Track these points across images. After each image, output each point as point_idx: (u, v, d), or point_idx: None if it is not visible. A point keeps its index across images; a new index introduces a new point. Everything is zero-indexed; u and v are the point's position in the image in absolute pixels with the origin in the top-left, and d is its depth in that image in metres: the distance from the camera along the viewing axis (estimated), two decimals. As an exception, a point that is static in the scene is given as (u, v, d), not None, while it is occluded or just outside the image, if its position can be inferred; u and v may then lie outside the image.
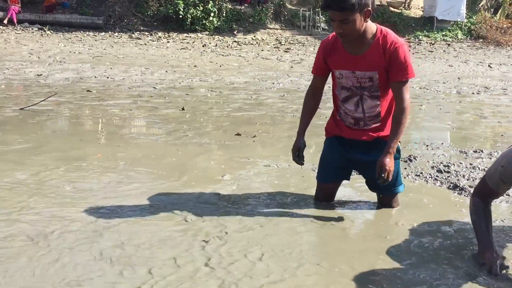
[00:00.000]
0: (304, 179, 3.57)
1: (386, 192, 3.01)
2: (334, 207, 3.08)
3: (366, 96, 2.81)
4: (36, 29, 16.38)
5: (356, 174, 3.29)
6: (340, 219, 2.91)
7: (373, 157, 2.78)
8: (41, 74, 8.90)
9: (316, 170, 3.16)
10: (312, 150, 4.23)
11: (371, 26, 2.71)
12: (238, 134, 5.00)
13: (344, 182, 3.17)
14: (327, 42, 2.86)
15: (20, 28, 16.25)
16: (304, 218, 2.87)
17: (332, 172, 3.03)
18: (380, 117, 2.86)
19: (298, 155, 2.93)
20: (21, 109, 5.86)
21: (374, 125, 2.88)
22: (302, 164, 2.98)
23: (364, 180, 3.10)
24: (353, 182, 3.36)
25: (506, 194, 3.40)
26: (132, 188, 3.27)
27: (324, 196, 3.11)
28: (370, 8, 2.60)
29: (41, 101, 6.24)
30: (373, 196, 3.14)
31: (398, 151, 2.89)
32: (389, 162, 2.68)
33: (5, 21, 16.50)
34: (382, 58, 2.68)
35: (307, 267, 2.30)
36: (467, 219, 2.95)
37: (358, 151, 2.93)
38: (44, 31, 16.13)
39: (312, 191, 3.21)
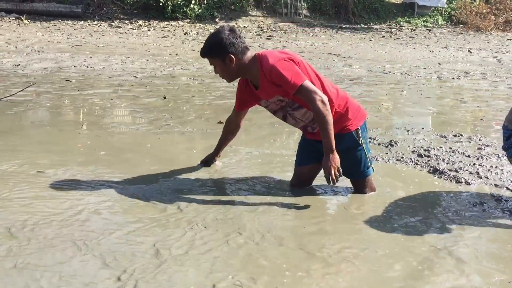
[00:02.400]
0: (286, 165, 3.58)
1: (354, 177, 3.08)
2: (311, 192, 3.12)
3: (292, 110, 2.94)
4: (13, 18, 16.03)
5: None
6: (315, 203, 2.94)
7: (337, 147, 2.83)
8: (18, 64, 8.73)
9: None
10: (296, 137, 4.24)
11: (252, 61, 2.84)
12: (221, 122, 4.96)
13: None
14: (241, 81, 3.10)
15: (-4, 18, 15.88)
16: (283, 204, 2.88)
17: (306, 156, 3.12)
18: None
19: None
20: (-2, 100, 5.75)
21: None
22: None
23: None
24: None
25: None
26: (113, 177, 3.24)
27: (298, 181, 3.16)
28: (232, 56, 2.80)
29: (19, 91, 6.13)
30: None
31: (363, 136, 2.96)
32: (328, 162, 2.73)
33: (-19, 11, 16.11)
34: (270, 84, 2.79)
35: (282, 251, 2.31)
36: (444, 202, 3.01)
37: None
38: (21, 20, 15.79)
39: (294, 177, 3.22)
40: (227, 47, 2.79)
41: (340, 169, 2.76)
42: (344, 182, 3.16)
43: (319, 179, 3.11)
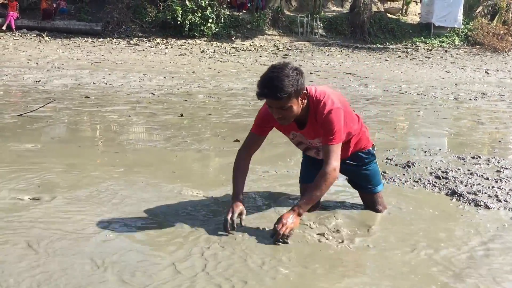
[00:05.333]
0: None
1: (364, 190, 3.13)
2: (326, 209, 3.11)
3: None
4: (35, 35, 16.40)
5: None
6: (330, 223, 2.92)
7: (351, 161, 2.97)
8: (39, 81, 8.91)
9: None
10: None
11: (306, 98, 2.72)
12: (237, 140, 5.01)
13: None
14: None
15: (18, 34, 16.27)
16: (301, 222, 2.87)
17: (313, 174, 3.06)
18: (346, 140, 2.90)
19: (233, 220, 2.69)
20: (19, 115, 5.86)
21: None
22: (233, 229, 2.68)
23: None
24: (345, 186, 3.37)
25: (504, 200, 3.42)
26: (131, 194, 3.27)
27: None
28: (305, 91, 2.63)
29: (40, 107, 6.24)
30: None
31: (372, 154, 3.06)
32: (288, 218, 2.58)
33: (4, 27, 16.52)
34: (318, 127, 2.72)
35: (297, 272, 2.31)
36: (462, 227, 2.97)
37: None
38: (43, 37, 16.15)
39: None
40: (303, 84, 2.61)
41: (292, 232, 2.60)
42: (355, 199, 3.14)
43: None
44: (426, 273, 2.37)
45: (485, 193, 3.57)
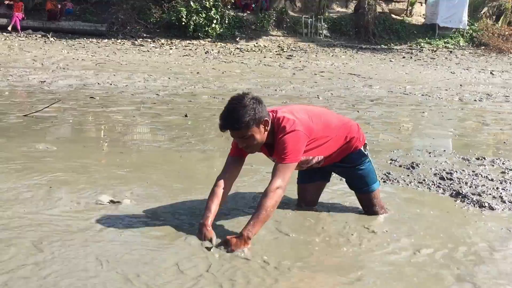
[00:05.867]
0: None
1: (359, 191, 3.12)
2: (328, 211, 3.13)
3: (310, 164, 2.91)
4: (40, 36, 16.47)
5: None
6: (332, 225, 2.92)
7: (344, 164, 2.99)
8: (44, 81, 8.94)
9: None
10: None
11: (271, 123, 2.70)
12: (241, 141, 5.01)
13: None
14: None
15: (23, 35, 16.34)
16: (302, 224, 2.88)
17: (308, 175, 3.14)
18: (329, 155, 2.92)
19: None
20: (25, 115, 5.89)
21: (328, 160, 2.97)
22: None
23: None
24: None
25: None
26: (135, 194, 3.28)
27: (304, 201, 3.19)
28: (266, 118, 2.63)
29: (45, 107, 6.27)
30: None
31: (363, 154, 3.01)
32: (235, 244, 2.47)
33: (9, 28, 16.60)
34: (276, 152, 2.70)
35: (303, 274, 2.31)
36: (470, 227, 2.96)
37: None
38: (48, 38, 16.21)
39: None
40: (264, 113, 2.63)
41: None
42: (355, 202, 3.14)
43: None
44: (431, 274, 2.37)
45: (490, 194, 3.56)
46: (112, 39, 16.95)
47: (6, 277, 2.14)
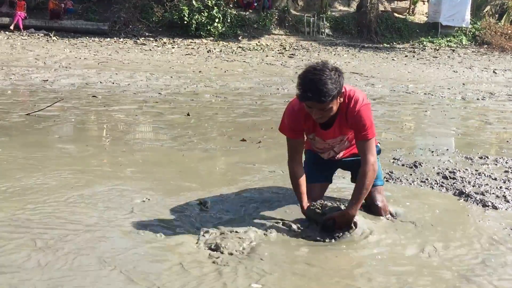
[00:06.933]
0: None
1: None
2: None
3: (337, 146, 2.99)
4: (42, 35, 16.49)
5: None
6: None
7: (353, 157, 3.03)
8: (47, 80, 8.95)
9: None
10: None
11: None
12: (243, 140, 5.01)
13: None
14: (298, 110, 2.77)
15: (26, 34, 16.36)
16: (304, 223, 2.87)
17: (318, 174, 3.16)
18: (351, 143, 3.00)
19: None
20: (27, 114, 5.89)
21: (348, 149, 3.07)
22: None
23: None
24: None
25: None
26: (137, 193, 3.28)
27: (311, 199, 3.14)
28: (343, 90, 2.64)
29: (47, 106, 6.27)
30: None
31: (378, 151, 3.09)
32: (350, 214, 2.68)
33: (12, 27, 16.62)
34: (347, 124, 2.76)
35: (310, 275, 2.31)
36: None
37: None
38: (50, 37, 16.23)
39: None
40: (343, 84, 2.62)
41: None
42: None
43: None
44: (434, 273, 2.36)
45: (493, 193, 3.54)
46: (114, 38, 16.96)
47: (11, 276, 2.14)
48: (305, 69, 2.58)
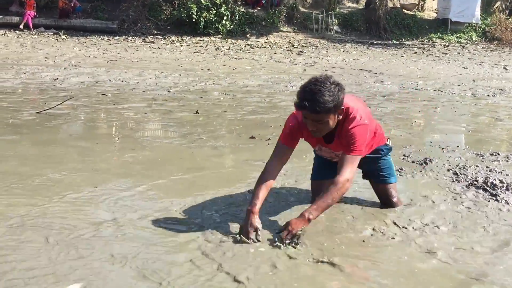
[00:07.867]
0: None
1: (378, 180, 3.15)
2: (339, 207, 3.11)
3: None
4: (52, 33, 16.58)
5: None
6: (345, 220, 2.91)
7: (369, 154, 2.98)
8: (57, 78, 9.01)
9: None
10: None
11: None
12: (252, 137, 5.02)
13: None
14: (301, 122, 2.75)
15: (35, 33, 16.46)
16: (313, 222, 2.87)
17: (324, 171, 3.13)
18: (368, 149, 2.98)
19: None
20: (37, 112, 5.94)
21: None
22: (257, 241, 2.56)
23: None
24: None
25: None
26: (147, 191, 3.30)
27: (317, 194, 3.13)
28: (343, 107, 2.63)
29: (58, 105, 6.32)
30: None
31: (389, 148, 3.14)
32: (295, 223, 2.56)
33: (21, 26, 16.73)
34: (343, 142, 2.73)
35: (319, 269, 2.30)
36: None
37: None
38: (59, 35, 16.32)
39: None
40: (343, 99, 2.61)
41: (299, 236, 2.57)
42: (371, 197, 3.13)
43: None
44: (446, 270, 2.35)
45: (505, 189, 3.51)
46: (123, 36, 17.01)
47: (20, 272, 2.17)
48: (308, 80, 2.61)
